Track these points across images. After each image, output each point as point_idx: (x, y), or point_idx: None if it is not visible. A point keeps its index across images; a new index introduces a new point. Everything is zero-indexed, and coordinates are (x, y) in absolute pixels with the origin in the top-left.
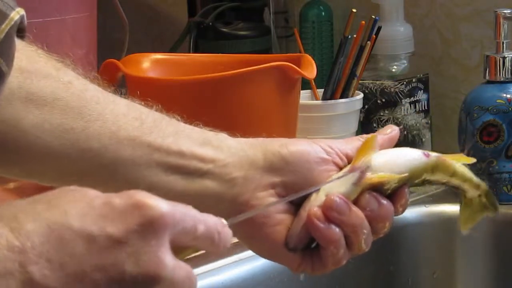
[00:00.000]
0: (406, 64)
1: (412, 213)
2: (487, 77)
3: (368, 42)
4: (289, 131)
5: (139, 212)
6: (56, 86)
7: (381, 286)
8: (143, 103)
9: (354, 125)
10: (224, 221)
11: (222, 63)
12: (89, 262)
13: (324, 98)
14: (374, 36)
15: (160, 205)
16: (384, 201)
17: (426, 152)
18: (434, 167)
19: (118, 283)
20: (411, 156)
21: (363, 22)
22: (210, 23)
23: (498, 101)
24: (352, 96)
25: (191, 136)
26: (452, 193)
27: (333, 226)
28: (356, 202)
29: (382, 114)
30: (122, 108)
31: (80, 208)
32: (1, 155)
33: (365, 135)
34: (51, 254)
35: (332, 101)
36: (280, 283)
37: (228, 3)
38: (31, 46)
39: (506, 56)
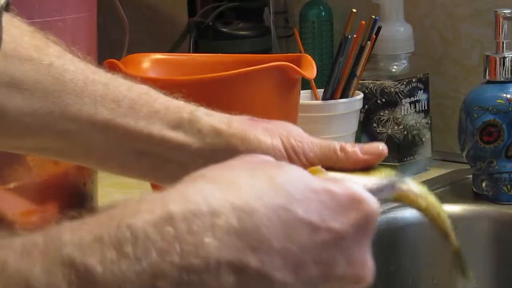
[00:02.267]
0: (406, 64)
1: (412, 213)
2: (487, 77)
3: (368, 42)
4: None
5: (359, 206)
6: (37, 70)
7: (381, 286)
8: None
9: (354, 125)
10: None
11: (222, 63)
12: (310, 254)
13: (324, 98)
14: (374, 36)
15: (374, 200)
16: None
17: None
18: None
19: (326, 278)
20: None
21: (363, 22)
22: (210, 23)
23: (498, 101)
24: (352, 96)
25: (165, 118)
26: (452, 193)
27: None
28: None
29: (382, 114)
30: (101, 89)
31: (302, 191)
32: None
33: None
34: (273, 239)
35: (332, 101)
36: None
37: (228, 3)
38: (15, 23)
39: (506, 56)
